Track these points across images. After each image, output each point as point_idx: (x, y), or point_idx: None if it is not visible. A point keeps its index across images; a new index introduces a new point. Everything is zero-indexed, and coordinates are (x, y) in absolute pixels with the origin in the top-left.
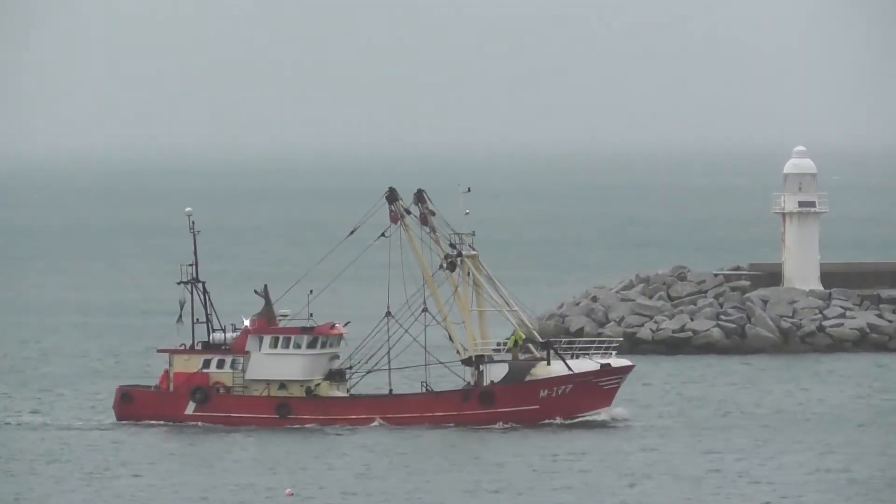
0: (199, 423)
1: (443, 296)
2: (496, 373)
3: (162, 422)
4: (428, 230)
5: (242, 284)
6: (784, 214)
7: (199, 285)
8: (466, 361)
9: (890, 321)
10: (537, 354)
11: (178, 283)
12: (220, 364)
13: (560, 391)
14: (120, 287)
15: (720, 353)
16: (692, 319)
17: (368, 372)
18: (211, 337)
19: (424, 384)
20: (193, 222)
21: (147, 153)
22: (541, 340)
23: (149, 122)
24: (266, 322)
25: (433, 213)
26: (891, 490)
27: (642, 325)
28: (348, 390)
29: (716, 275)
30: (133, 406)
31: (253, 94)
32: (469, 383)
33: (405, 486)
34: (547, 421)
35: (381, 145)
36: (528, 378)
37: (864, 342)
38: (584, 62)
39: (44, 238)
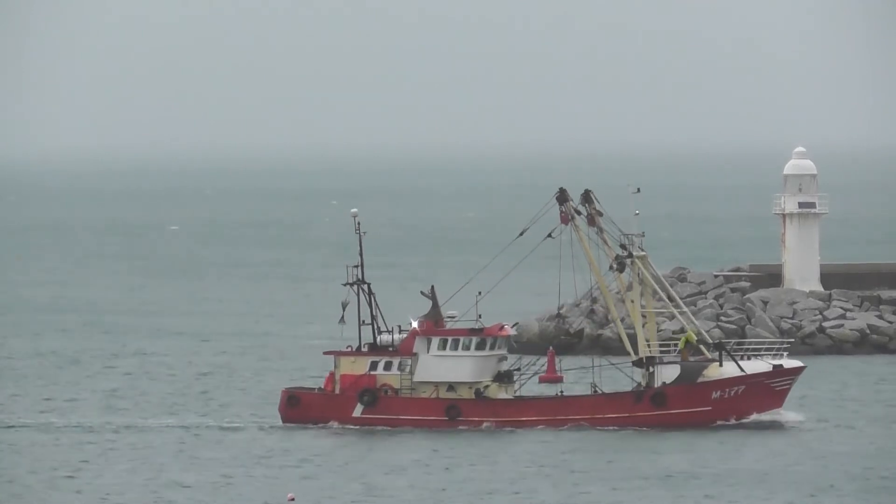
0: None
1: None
2: (668, 374)
3: (329, 424)
4: (595, 230)
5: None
6: (784, 215)
7: (365, 287)
8: (637, 363)
9: (890, 322)
10: (708, 355)
11: (344, 285)
12: (388, 366)
13: (732, 392)
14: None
15: None
16: None
17: (535, 374)
18: (378, 339)
19: (593, 385)
20: (359, 223)
21: (142, 154)
22: (711, 341)
23: (143, 124)
24: (434, 324)
25: (601, 214)
26: None
27: (643, 325)
28: (515, 392)
29: (716, 276)
30: (299, 408)
31: (249, 95)
32: (640, 384)
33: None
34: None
35: (380, 146)
36: (700, 379)
37: (865, 343)
38: (586, 65)
39: (27, 237)
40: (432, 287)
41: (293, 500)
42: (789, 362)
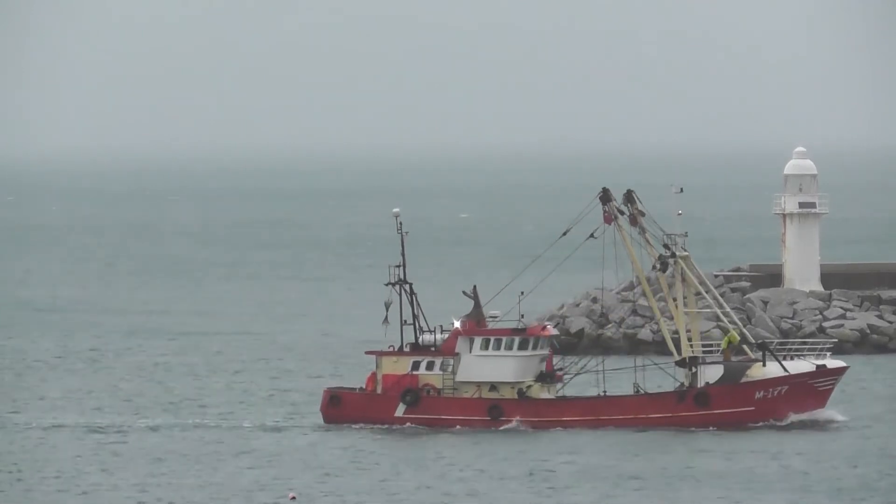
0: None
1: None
2: (711, 374)
3: (371, 424)
4: (638, 230)
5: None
6: (784, 215)
7: (407, 286)
8: (680, 363)
9: (890, 322)
10: (752, 355)
11: (386, 285)
12: (430, 366)
13: (776, 392)
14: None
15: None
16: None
17: (577, 374)
18: (420, 338)
19: (636, 385)
20: (401, 223)
21: (142, 154)
22: (754, 341)
23: (144, 124)
24: (476, 323)
25: (643, 214)
26: None
27: (643, 326)
28: (557, 392)
29: (716, 276)
30: (341, 408)
31: (249, 95)
32: (682, 384)
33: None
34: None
35: (380, 146)
36: (743, 379)
37: (865, 343)
38: (586, 66)
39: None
40: (474, 287)
41: (294, 499)
42: (832, 362)
